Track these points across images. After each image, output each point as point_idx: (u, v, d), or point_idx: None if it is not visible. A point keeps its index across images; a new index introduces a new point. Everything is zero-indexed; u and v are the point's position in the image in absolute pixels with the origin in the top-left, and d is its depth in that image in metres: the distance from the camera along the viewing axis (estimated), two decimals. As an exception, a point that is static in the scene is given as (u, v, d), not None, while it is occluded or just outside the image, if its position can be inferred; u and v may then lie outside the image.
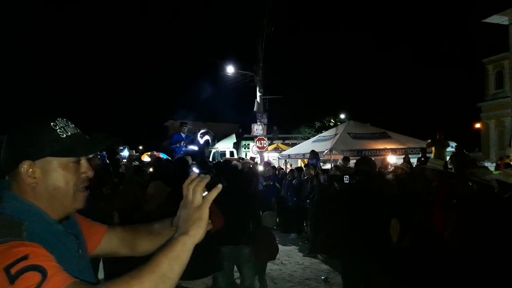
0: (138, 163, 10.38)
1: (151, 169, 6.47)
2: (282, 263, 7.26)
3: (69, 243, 1.13)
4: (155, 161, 7.68)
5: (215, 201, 1.11)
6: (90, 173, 1.19)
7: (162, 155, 11.49)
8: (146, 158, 12.63)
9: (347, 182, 6.16)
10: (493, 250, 4.05)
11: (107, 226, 1.40)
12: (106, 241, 1.36)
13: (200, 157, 7.97)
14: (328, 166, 13.03)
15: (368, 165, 4.02)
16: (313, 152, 11.65)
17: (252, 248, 4.33)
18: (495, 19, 15.65)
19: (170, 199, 3.56)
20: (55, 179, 1.10)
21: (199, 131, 9.84)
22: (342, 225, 3.94)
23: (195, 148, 9.05)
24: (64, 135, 1.12)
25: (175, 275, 0.99)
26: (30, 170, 1.07)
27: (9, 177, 1.11)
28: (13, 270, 0.87)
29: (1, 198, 1.06)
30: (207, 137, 9.86)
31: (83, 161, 1.17)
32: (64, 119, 1.16)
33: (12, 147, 1.09)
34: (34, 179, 1.08)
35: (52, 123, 1.11)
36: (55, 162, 1.10)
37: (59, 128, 1.12)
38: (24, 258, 0.89)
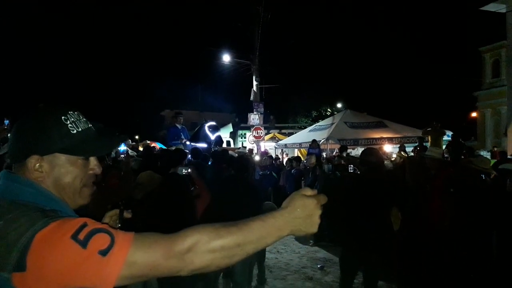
0: (135, 153, 10.32)
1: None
2: (278, 251, 7.30)
3: None
4: (146, 150, 7.59)
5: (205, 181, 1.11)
6: (98, 170, 1.18)
7: (159, 145, 11.44)
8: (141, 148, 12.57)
9: (351, 171, 6.14)
10: (490, 239, 4.08)
11: None
12: None
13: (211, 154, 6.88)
14: (324, 155, 13.04)
15: (374, 156, 4.04)
16: (314, 141, 11.64)
17: None
18: (492, 7, 15.51)
19: (163, 188, 3.54)
20: (62, 174, 1.09)
21: (205, 124, 8.67)
22: (345, 215, 3.96)
23: (204, 145, 8.01)
24: (75, 131, 1.10)
25: (255, 249, 0.98)
26: (37, 164, 1.06)
27: (15, 167, 1.09)
28: (81, 236, 0.87)
29: (12, 185, 1.03)
30: (218, 133, 8.68)
31: (92, 158, 1.16)
32: (76, 113, 1.13)
33: (21, 139, 1.08)
34: (41, 173, 1.06)
35: (63, 117, 1.09)
36: (63, 158, 1.09)
37: (70, 123, 1.09)
38: (84, 225, 0.90)
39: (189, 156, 6.29)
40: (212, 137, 8.28)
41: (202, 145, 7.62)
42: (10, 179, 1.05)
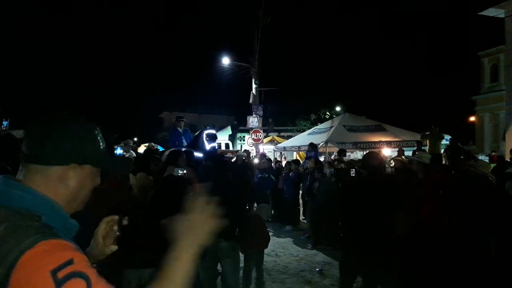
0: (133, 155, 10.30)
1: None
2: (277, 255, 7.29)
3: (81, 239, 1.14)
4: (146, 152, 7.55)
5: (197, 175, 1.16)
6: (99, 182, 1.23)
7: (158, 147, 11.43)
8: (142, 149, 12.55)
9: (353, 175, 6.17)
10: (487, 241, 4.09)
11: None
12: None
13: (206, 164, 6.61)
14: (322, 158, 13.06)
15: (375, 160, 4.07)
16: (311, 144, 11.65)
17: (235, 242, 4.22)
18: (491, 12, 15.60)
19: (159, 190, 3.54)
20: (85, 184, 1.13)
21: (203, 131, 8.35)
22: (346, 218, 3.97)
23: (200, 154, 7.71)
24: (102, 147, 1.15)
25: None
26: (70, 172, 1.08)
27: (30, 169, 1.07)
28: (60, 275, 0.86)
29: (10, 191, 1.02)
30: (214, 144, 8.45)
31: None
32: (99, 128, 1.17)
33: (59, 144, 1.06)
34: (69, 181, 1.09)
35: (96, 131, 1.14)
36: (90, 170, 1.13)
37: (99, 138, 1.14)
38: (70, 262, 0.89)
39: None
40: (208, 146, 8.07)
41: (199, 154, 7.45)
42: (9, 185, 1.03)
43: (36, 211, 0.99)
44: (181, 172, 3.69)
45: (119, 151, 11.30)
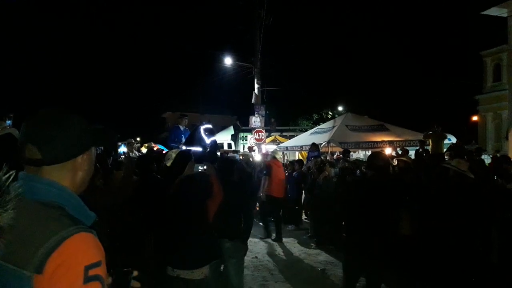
0: (136, 153, 10.29)
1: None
2: (279, 254, 7.28)
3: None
4: (149, 152, 7.55)
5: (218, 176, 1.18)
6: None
7: (160, 147, 11.42)
8: (144, 149, 12.54)
9: (358, 175, 6.16)
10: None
11: None
12: None
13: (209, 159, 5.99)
14: (322, 158, 13.00)
15: (380, 160, 4.06)
16: (314, 144, 11.63)
17: (240, 242, 4.16)
18: (494, 11, 15.50)
19: (139, 189, 3.52)
20: (91, 164, 1.24)
21: (201, 126, 8.06)
22: (350, 218, 3.94)
23: (199, 149, 7.54)
24: (89, 128, 1.23)
25: None
26: (82, 160, 1.19)
27: (47, 168, 1.12)
28: (90, 273, 0.97)
29: (35, 186, 1.08)
30: (213, 138, 8.12)
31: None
32: (74, 112, 1.24)
33: (61, 141, 1.12)
34: (82, 168, 1.19)
35: (78, 117, 1.21)
36: (92, 150, 1.25)
37: (83, 120, 1.21)
38: (99, 264, 1.00)
39: None
40: (208, 141, 8.00)
41: (197, 148, 7.36)
42: (33, 180, 1.09)
43: (60, 203, 1.07)
44: (201, 168, 3.65)
45: (122, 149, 11.26)
